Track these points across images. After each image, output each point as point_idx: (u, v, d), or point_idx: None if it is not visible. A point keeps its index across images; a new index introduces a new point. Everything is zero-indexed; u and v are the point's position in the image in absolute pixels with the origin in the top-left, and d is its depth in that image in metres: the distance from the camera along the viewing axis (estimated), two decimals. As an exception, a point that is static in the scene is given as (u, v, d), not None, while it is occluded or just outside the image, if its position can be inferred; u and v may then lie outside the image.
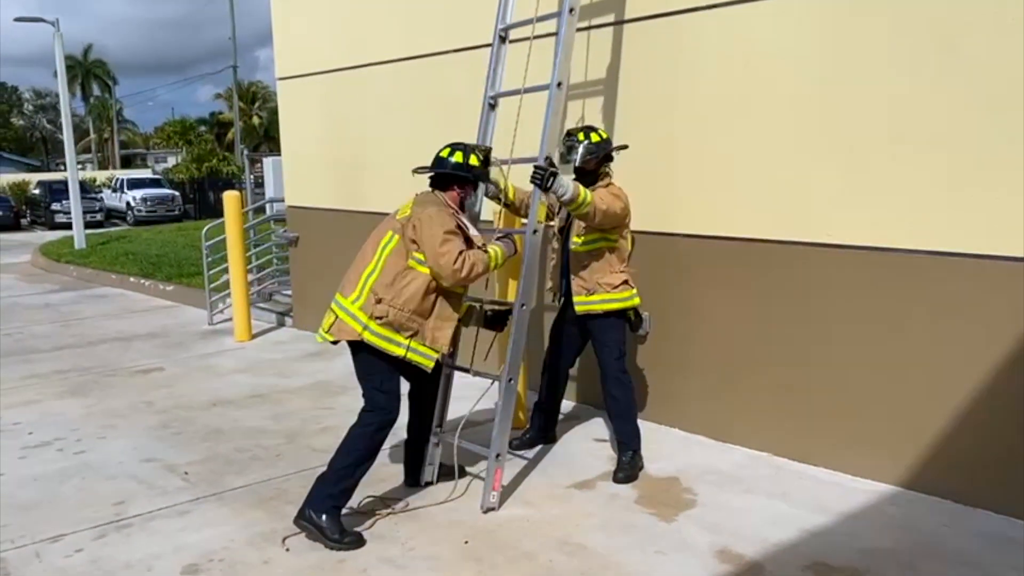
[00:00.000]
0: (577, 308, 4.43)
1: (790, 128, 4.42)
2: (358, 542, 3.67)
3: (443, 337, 3.83)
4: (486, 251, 3.86)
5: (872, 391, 4.22)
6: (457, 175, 3.92)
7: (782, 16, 4.39)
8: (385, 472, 4.46)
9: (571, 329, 4.63)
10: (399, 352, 3.73)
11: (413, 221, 3.75)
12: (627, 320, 4.48)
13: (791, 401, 4.55)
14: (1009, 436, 3.78)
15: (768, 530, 3.74)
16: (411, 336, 3.73)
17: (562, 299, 4.61)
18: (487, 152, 4.09)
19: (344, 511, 3.77)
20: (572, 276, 4.44)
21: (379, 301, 3.69)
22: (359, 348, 3.77)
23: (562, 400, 4.96)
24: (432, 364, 3.84)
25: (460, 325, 4.02)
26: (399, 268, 3.74)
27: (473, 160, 3.94)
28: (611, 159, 4.49)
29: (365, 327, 3.70)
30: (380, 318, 3.68)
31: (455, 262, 3.65)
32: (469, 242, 3.82)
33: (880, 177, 4.09)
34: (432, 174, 3.97)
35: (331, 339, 3.79)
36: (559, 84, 4.18)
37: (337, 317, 3.79)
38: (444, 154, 3.97)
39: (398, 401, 3.82)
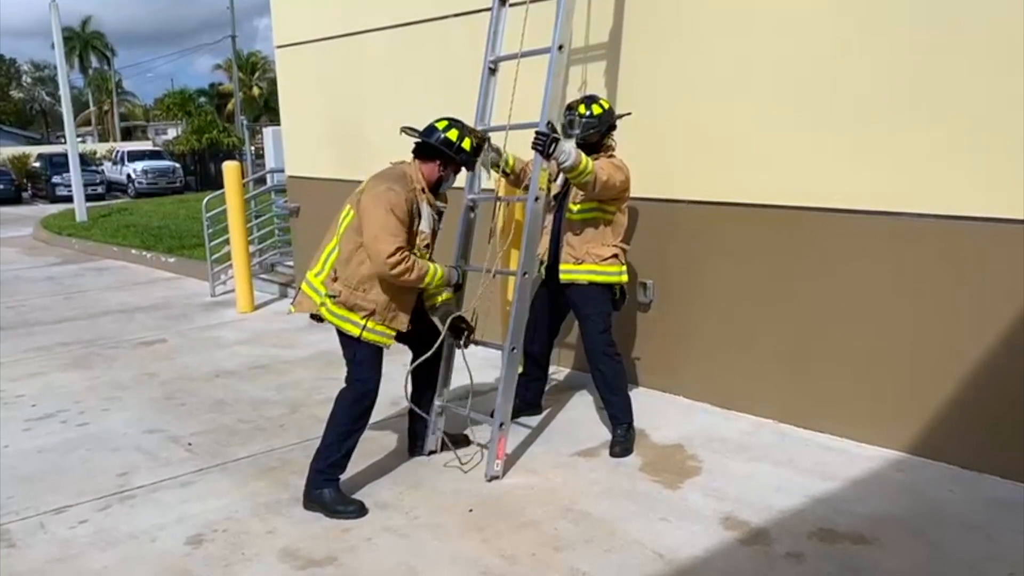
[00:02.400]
0: (562, 276, 4.32)
1: (794, 92, 4.33)
2: (360, 511, 3.67)
3: (401, 318, 3.75)
4: (428, 262, 3.72)
5: (878, 357, 4.18)
6: (443, 151, 3.78)
7: (788, -24, 4.30)
8: (387, 441, 4.46)
9: (553, 299, 4.54)
10: (355, 331, 3.67)
11: (361, 198, 3.65)
12: (611, 296, 4.38)
13: (796, 368, 4.52)
14: (1016, 401, 3.75)
15: (773, 497, 3.73)
16: (367, 316, 3.66)
17: (544, 268, 4.51)
18: (482, 140, 3.97)
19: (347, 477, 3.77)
20: (562, 244, 4.34)
21: (335, 279, 3.66)
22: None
23: (548, 371, 4.90)
24: (391, 342, 3.76)
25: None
26: (354, 245, 3.66)
27: (466, 144, 3.81)
28: (615, 128, 4.41)
29: (322, 303, 3.68)
30: (334, 296, 3.64)
31: (393, 255, 3.53)
32: (411, 237, 3.67)
33: (886, 141, 4.02)
34: (418, 140, 3.83)
35: (294, 310, 3.82)
36: (560, 47, 4.10)
37: (300, 290, 3.80)
38: (440, 126, 3.83)
39: (374, 371, 3.74)
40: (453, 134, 3.80)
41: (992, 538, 3.35)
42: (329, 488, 3.69)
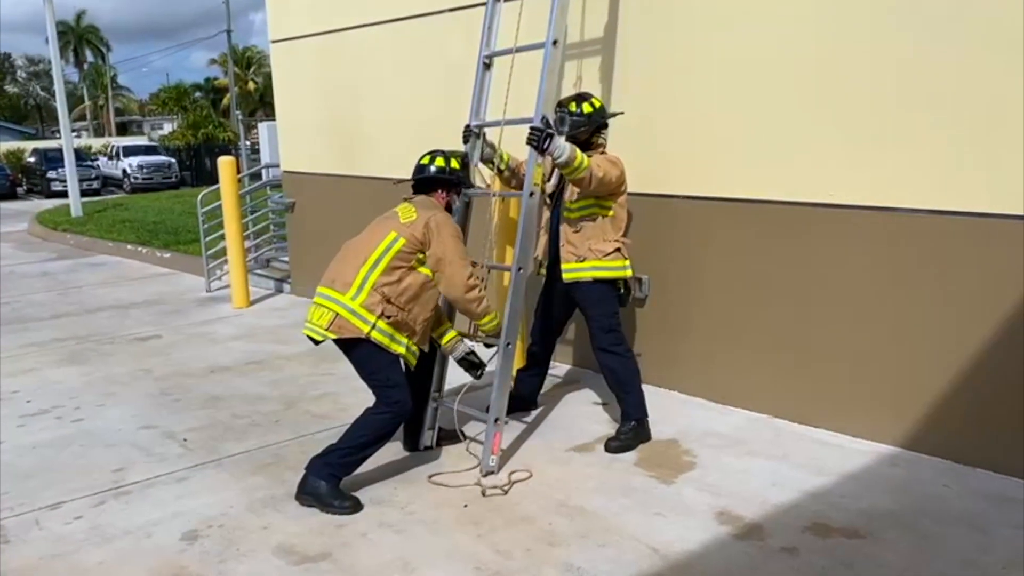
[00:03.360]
0: (565, 276, 4.29)
1: (790, 87, 4.33)
2: (355, 507, 3.67)
3: (425, 340, 3.95)
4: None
5: (873, 352, 4.19)
6: (442, 179, 4.02)
7: (784, -30, 4.30)
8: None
9: (558, 300, 4.54)
10: (400, 350, 3.79)
11: (429, 223, 3.76)
12: (616, 292, 4.38)
13: (791, 363, 4.53)
14: (1010, 396, 3.76)
15: (768, 492, 3.73)
16: (409, 336, 3.80)
17: (543, 268, 4.51)
18: (464, 157, 4.19)
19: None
20: (562, 242, 4.32)
21: (388, 301, 3.69)
22: (354, 345, 3.73)
23: (546, 370, 4.91)
24: (416, 361, 3.92)
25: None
26: (403, 269, 3.74)
27: (455, 164, 4.06)
28: (606, 127, 4.38)
29: (373, 326, 3.67)
30: (389, 317, 3.70)
31: (471, 279, 3.82)
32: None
33: (882, 137, 4.03)
34: (415, 183, 4.05)
35: (332, 336, 3.71)
36: (555, 42, 4.09)
37: (337, 315, 3.70)
38: (425, 161, 4.06)
39: (406, 388, 3.81)
40: (440, 162, 4.05)
41: (986, 532, 3.36)
42: (329, 483, 3.70)
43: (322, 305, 3.77)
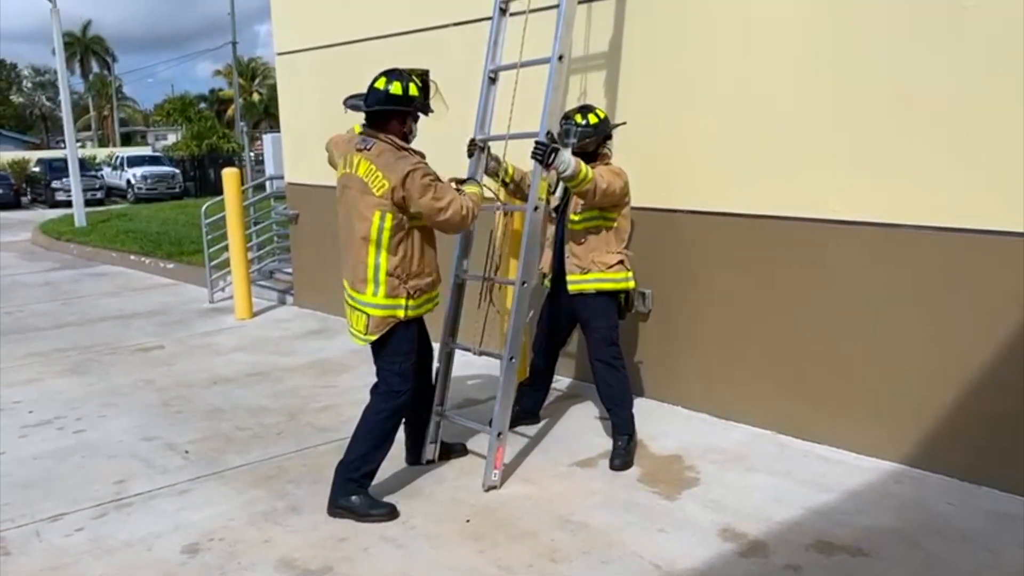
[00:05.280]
0: (570, 287, 4.31)
1: (793, 102, 4.34)
2: (391, 514, 3.69)
3: (435, 263, 3.87)
4: (462, 196, 3.75)
5: (876, 368, 4.18)
6: (397, 109, 3.71)
7: (788, -13, 4.31)
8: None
9: (561, 311, 4.54)
10: (429, 308, 3.82)
11: (406, 185, 3.54)
12: (618, 304, 4.38)
13: (795, 379, 4.52)
14: (1014, 414, 3.75)
15: (771, 508, 3.72)
16: (430, 287, 3.80)
17: (548, 280, 4.50)
18: (424, 76, 3.80)
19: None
20: (566, 254, 4.34)
21: (406, 279, 3.68)
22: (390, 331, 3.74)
23: (551, 383, 4.91)
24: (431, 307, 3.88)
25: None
26: (401, 237, 3.67)
27: (412, 90, 3.71)
28: (610, 138, 4.41)
29: (405, 308, 3.69)
30: (415, 292, 3.71)
31: (462, 209, 3.65)
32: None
33: (885, 153, 4.03)
34: (367, 112, 3.73)
35: (374, 338, 3.73)
36: (560, 57, 4.10)
37: (369, 316, 3.70)
38: (380, 85, 3.72)
39: (410, 383, 3.81)
40: (397, 87, 3.70)
41: (991, 551, 3.34)
42: (359, 495, 3.70)
43: (356, 309, 3.77)
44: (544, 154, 3.90)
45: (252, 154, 28.16)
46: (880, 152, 4.05)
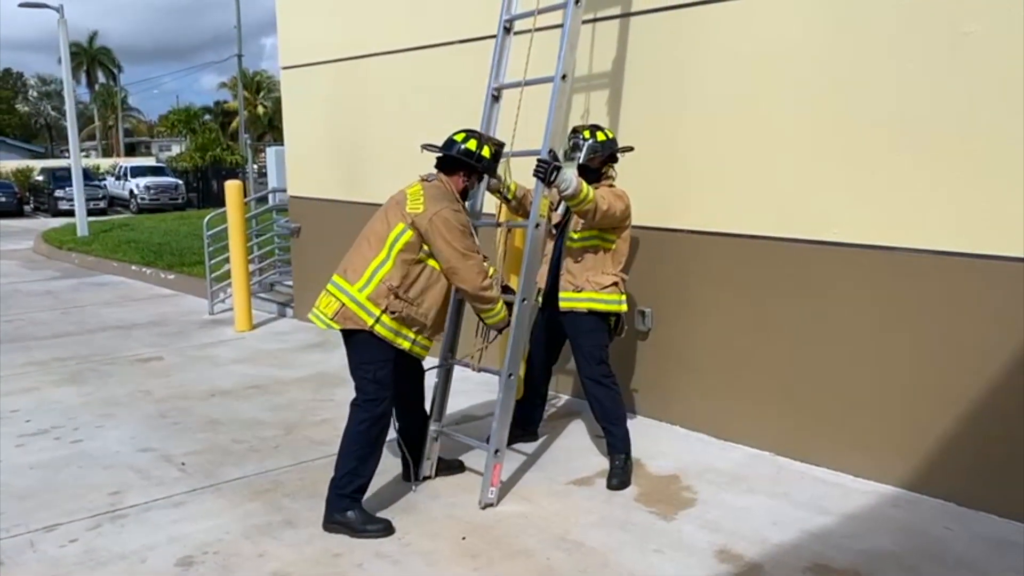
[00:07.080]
0: (561, 304, 4.32)
1: (795, 124, 4.36)
2: (386, 530, 3.68)
3: (442, 324, 3.91)
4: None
5: (875, 391, 4.18)
6: (466, 162, 3.89)
7: (789, 10, 4.34)
8: (380, 465, 4.42)
9: (551, 327, 4.54)
10: (405, 345, 3.75)
11: (433, 221, 3.66)
12: (608, 325, 4.37)
13: (793, 400, 4.51)
14: (1013, 438, 3.74)
15: (768, 530, 3.70)
16: (418, 331, 3.77)
17: (542, 295, 4.49)
18: (499, 147, 4.04)
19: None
20: (562, 271, 4.35)
21: (396, 296, 3.66)
22: (356, 333, 3.72)
23: (545, 398, 4.91)
24: (427, 354, 3.89)
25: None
26: (411, 261, 3.70)
27: (485, 151, 3.92)
28: (615, 160, 4.43)
29: (377, 320, 3.66)
30: (394, 313, 3.67)
31: (483, 273, 3.76)
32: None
33: (885, 176, 4.04)
34: (439, 156, 3.93)
35: (336, 327, 3.72)
36: (564, 76, 4.13)
37: (343, 304, 3.70)
38: (458, 138, 3.93)
39: (389, 391, 3.78)
40: (472, 144, 3.90)
41: (988, 577, 3.32)
42: (353, 510, 3.69)
43: (331, 293, 3.77)
44: (546, 172, 3.92)
45: (255, 166, 28.27)
46: (880, 175, 4.06)
